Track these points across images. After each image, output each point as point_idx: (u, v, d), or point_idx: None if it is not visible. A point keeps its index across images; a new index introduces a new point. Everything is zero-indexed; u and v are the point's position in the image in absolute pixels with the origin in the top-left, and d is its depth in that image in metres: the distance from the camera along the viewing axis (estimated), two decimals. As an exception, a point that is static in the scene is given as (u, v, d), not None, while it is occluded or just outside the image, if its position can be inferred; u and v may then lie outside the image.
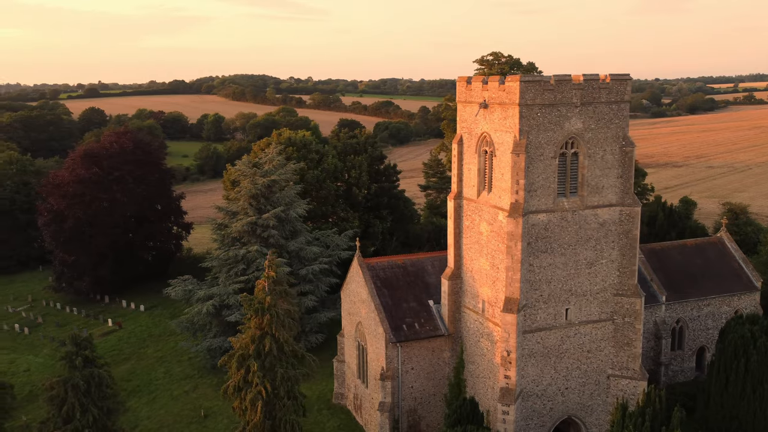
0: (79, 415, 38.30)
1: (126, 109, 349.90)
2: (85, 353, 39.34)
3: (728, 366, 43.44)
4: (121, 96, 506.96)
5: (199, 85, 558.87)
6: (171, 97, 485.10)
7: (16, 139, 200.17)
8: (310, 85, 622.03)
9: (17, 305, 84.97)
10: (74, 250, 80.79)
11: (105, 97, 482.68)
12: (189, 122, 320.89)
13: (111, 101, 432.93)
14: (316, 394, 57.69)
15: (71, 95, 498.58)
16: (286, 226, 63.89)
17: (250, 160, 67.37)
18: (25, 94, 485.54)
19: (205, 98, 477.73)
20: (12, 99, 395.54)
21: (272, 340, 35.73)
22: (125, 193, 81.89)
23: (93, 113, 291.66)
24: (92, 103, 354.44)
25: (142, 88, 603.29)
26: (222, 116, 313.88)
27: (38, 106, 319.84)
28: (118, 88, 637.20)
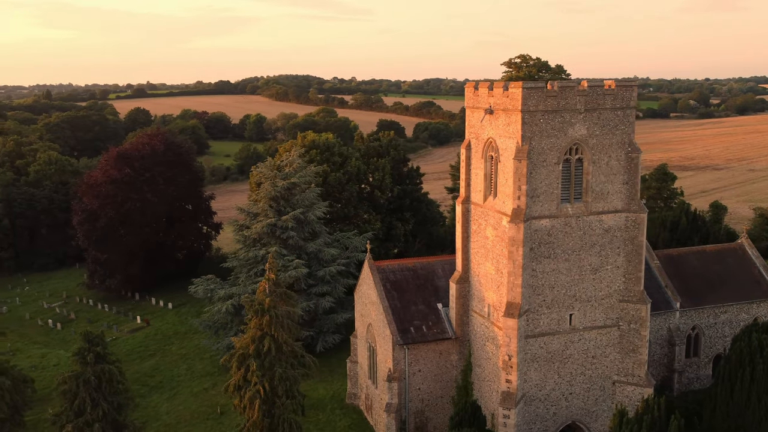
0: (90, 409, 39.91)
1: (171, 109, 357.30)
2: (96, 350, 40.92)
3: (733, 374, 42.95)
4: (167, 96, 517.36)
5: (244, 86, 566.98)
6: (216, 97, 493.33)
7: (63, 139, 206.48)
8: (353, 86, 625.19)
9: (52, 301, 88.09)
10: (106, 248, 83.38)
11: (152, 98, 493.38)
12: (232, 122, 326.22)
13: (157, 101, 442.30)
14: (331, 393, 58.73)
15: (120, 95, 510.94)
16: (305, 228, 65.01)
17: (274, 163, 68.65)
18: (76, 95, 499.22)
19: (250, 98, 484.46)
20: (63, 99, 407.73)
21: (271, 341, 36.77)
22: (156, 194, 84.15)
23: (138, 113, 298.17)
24: (139, 104, 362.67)
25: (189, 89, 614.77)
26: (264, 116, 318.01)
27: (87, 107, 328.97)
28: (165, 88, 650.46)
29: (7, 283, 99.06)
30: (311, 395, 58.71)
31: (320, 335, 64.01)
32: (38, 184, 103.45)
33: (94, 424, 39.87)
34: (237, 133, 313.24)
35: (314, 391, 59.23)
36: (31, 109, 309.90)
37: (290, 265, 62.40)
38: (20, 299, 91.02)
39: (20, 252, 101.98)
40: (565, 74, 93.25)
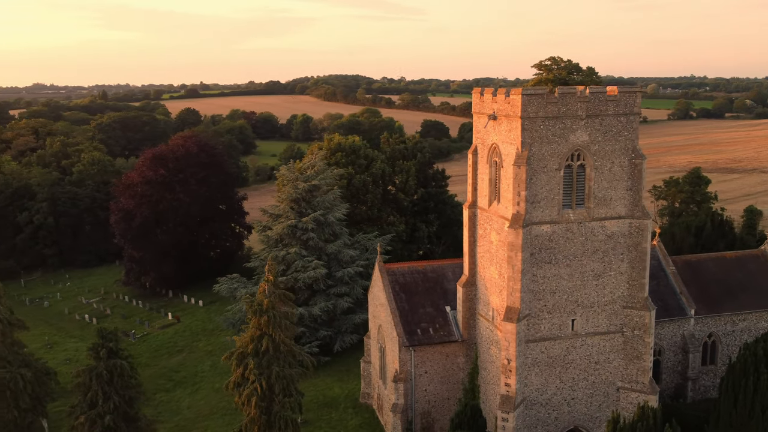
0: (102, 402, 41.81)
1: (221, 109, 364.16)
2: (109, 345, 42.82)
3: (737, 384, 42.42)
4: (218, 96, 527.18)
5: (293, 86, 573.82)
6: (266, 97, 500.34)
7: (114, 138, 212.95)
8: (401, 85, 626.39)
9: (90, 297, 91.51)
10: (141, 247, 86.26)
11: (203, 98, 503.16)
12: (279, 122, 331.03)
13: (208, 101, 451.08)
14: (345, 392, 59.87)
15: (173, 96, 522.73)
16: (325, 229, 66.28)
17: (296, 165, 70.15)
18: (131, 95, 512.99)
19: (298, 98, 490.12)
20: (118, 100, 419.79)
21: (269, 340, 38.02)
22: (189, 194, 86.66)
23: (188, 114, 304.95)
24: (190, 104, 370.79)
25: (241, 89, 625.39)
26: (310, 116, 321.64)
27: (140, 107, 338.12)
28: (218, 88, 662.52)
29: (51, 278, 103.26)
30: (327, 394, 60.14)
31: (338, 335, 65.21)
32: (81, 183, 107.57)
33: (106, 416, 41.72)
34: (284, 133, 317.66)
35: (330, 390, 60.54)
36: (86, 110, 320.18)
37: (309, 266, 63.79)
38: (61, 294, 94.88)
39: (64, 249, 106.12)
40: (596, 76, 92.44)
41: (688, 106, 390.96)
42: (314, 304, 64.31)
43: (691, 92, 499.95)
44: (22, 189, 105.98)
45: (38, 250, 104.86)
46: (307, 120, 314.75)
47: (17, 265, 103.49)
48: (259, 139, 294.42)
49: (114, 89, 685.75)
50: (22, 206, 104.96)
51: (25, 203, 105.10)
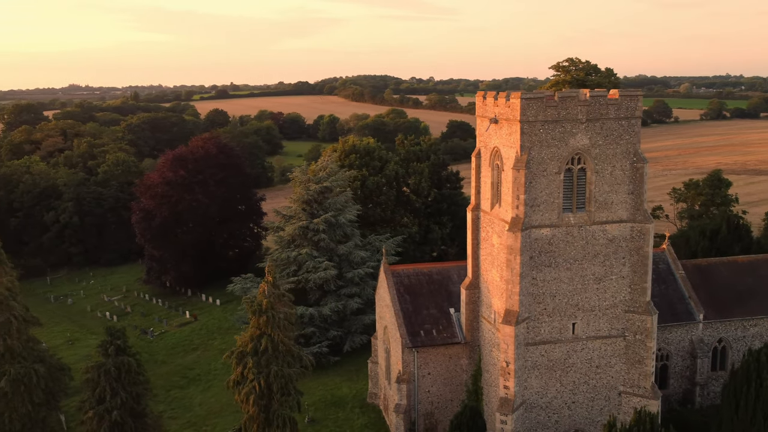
0: (110, 398, 42.96)
1: (249, 110, 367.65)
2: (117, 343, 43.96)
3: (739, 391, 42.17)
4: (248, 97, 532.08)
5: (322, 86, 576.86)
6: (294, 98, 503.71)
7: (143, 139, 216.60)
8: (430, 86, 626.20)
9: (112, 295, 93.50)
10: (161, 246, 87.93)
11: (233, 98, 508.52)
12: (306, 123, 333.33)
13: (238, 102, 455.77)
14: (354, 392, 60.50)
15: (203, 96, 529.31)
16: (336, 231, 67.00)
17: (309, 167, 71.03)
18: (163, 96, 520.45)
19: (327, 99, 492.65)
20: (149, 101, 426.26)
21: (268, 340, 38.79)
22: (207, 195, 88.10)
23: (217, 114, 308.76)
24: (220, 104, 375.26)
25: (270, 89, 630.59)
26: (337, 117, 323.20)
27: (170, 108, 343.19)
28: (247, 89, 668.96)
29: (75, 276, 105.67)
30: (335, 393, 60.84)
31: (348, 335, 65.88)
32: (106, 183, 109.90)
33: (113, 411, 42.87)
34: (311, 133, 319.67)
35: (338, 390, 61.24)
36: (118, 110, 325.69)
37: (320, 267, 64.58)
38: (84, 292, 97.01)
39: (89, 248, 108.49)
40: (615, 77, 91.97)
41: (722, 105, 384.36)
42: (325, 304, 65.07)
43: (725, 92, 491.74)
44: (49, 189, 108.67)
45: (64, 249, 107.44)
46: (333, 120, 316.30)
47: (44, 263, 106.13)
48: (286, 140, 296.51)
49: (147, 90, 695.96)
50: (48, 206, 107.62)
51: (52, 203, 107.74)
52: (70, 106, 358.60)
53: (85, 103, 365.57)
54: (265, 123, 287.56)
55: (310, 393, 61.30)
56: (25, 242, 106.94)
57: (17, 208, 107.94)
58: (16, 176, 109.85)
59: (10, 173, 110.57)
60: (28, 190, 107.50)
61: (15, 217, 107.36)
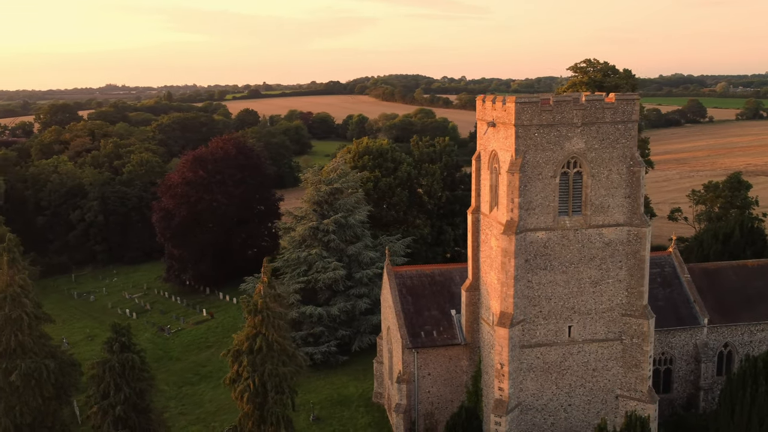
0: (114, 393, 44.25)
1: (280, 109, 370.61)
2: (122, 340, 45.23)
3: (735, 396, 41.97)
4: (279, 97, 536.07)
5: (353, 86, 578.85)
6: (325, 97, 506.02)
7: (173, 139, 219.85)
8: (461, 85, 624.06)
9: (133, 292, 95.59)
10: (180, 245, 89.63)
11: (265, 98, 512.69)
12: (335, 123, 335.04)
13: (269, 102, 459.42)
14: (360, 391, 61.20)
15: (236, 96, 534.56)
16: (346, 231, 67.78)
17: (320, 168, 71.97)
18: (196, 96, 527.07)
19: (357, 98, 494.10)
20: (182, 100, 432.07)
21: (263, 339, 39.67)
22: (225, 195, 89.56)
23: (247, 114, 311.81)
24: (251, 104, 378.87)
25: (302, 89, 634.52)
26: (366, 117, 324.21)
27: (202, 108, 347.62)
28: (280, 89, 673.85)
29: (99, 274, 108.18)
30: (341, 392, 61.62)
31: (357, 335, 66.60)
32: (130, 183, 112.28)
33: (117, 406, 44.14)
34: (340, 133, 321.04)
35: (345, 389, 62.01)
36: (151, 110, 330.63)
37: (329, 267, 65.42)
38: (107, 289, 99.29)
39: (113, 246, 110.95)
40: (632, 78, 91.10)
41: (758, 105, 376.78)
42: (334, 304, 65.89)
43: (763, 90, 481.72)
44: (75, 188, 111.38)
45: (89, 247, 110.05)
46: (362, 120, 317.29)
47: (69, 260, 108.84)
48: (315, 140, 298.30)
49: (181, 90, 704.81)
50: (74, 205, 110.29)
51: (78, 202, 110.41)
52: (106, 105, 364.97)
53: (120, 103, 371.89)
54: (294, 123, 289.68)
55: (317, 391, 62.29)
56: (51, 240, 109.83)
57: (45, 207, 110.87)
58: (44, 175, 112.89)
59: (38, 173, 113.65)
60: (56, 189, 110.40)
61: (42, 215, 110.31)
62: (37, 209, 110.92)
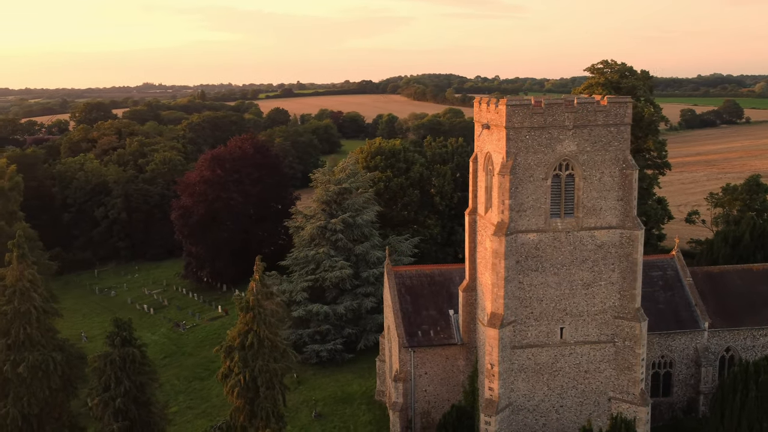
0: (114, 386, 45.58)
1: (311, 108, 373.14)
2: (124, 334, 46.60)
3: (725, 400, 41.74)
4: (312, 96, 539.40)
5: (385, 85, 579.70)
6: (357, 96, 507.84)
7: (203, 137, 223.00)
8: (495, 84, 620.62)
9: (153, 288, 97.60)
10: (197, 242, 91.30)
11: (297, 97, 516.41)
12: (365, 122, 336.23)
13: (301, 101, 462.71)
14: (363, 389, 61.90)
15: (269, 95, 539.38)
16: (354, 231, 68.54)
17: (330, 168, 72.87)
18: (230, 95, 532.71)
19: (389, 98, 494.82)
20: (215, 99, 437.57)
21: (254, 336, 40.63)
22: (241, 193, 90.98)
23: (278, 113, 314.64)
24: (283, 103, 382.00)
25: (335, 88, 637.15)
26: (395, 116, 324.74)
27: (234, 107, 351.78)
28: (313, 87, 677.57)
29: (122, 270, 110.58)
30: (345, 390, 62.39)
31: (363, 334, 67.30)
32: (153, 181, 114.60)
33: (117, 398, 45.44)
34: (369, 132, 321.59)
35: (349, 386, 62.77)
36: (184, 109, 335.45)
37: (336, 266, 66.27)
38: (128, 285, 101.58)
39: (135, 242, 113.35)
40: (650, 79, 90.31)
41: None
42: (341, 302, 66.69)
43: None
44: (100, 185, 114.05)
45: (112, 243, 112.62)
46: (392, 120, 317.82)
47: (93, 256, 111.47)
48: (345, 139, 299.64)
49: (216, 89, 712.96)
50: (99, 202, 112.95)
51: (102, 199, 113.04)
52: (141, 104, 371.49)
53: (154, 102, 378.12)
54: (323, 122, 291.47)
55: (322, 388, 63.18)
56: (76, 236, 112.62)
57: (70, 204, 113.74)
58: (71, 173, 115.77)
59: (65, 170, 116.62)
60: (81, 186, 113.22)
61: (68, 212, 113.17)
62: (64, 206, 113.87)
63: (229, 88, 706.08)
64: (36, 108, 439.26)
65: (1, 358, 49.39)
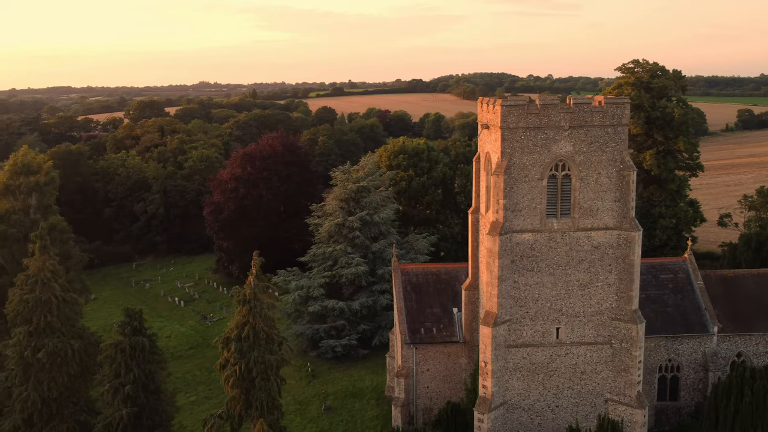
0: (124, 373, 47.53)
1: (359, 107, 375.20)
2: (134, 324, 48.52)
3: (719, 405, 41.24)
4: (362, 95, 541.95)
5: (435, 84, 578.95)
6: (406, 95, 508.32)
7: (249, 135, 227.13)
8: (547, 83, 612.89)
9: (185, 282, 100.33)
10: (227, 238, 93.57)
11: (347, 96, 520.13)
12: (412, 121, 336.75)
13: (350, 99, 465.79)
14: (374, 384, 62.82)
15: (319, 93, 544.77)
16: (371, 229, 69.50)
17: (350, 167, 74.00)
18: (282, 93, 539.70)
19: (438, 97, 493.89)
20: (266, 98, 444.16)
21: (250, 328, 41.89)
22: (270, 190, 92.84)
23: (325, 112, 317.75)
24: (332, 102, 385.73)
25: (385, 87, 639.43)
26: (442, 115, 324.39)
27: (284, 105, 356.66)
28: (364, 86, 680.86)
29: (158, 263, 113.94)
30: (357, 385, 63.41)
31: (378, 330, 68.20)
32: (190, 178, 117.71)
33: (126, 385, 47.34)
34: (416, 131, 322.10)
35: (361, 381, 63.78)
36: (235, 107, 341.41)
37: (352, 263, 67.35)
38: (162, 278, 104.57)
39: (172, 237, 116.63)
40: (682, 79, 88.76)
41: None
42: (356, 299, 67.74)
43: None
44: (139, 181, 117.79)
45: (150, 238, 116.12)
46: (438, 119, 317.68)
47: (132, 250, 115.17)
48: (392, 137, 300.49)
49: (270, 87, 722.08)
50: (139, 197, 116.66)
51: (142, 194, 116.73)
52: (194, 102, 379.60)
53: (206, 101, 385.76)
54: (369, 121, 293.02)
55: (335, 383, 64.35)
56: (116, 230, 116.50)
57: (112, 199, 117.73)
58: (113, 169, 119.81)
59: (107, 166, 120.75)
60: (122, 182, 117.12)
61: (110, 206, 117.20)
62: (106, 201, 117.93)
63: (282, 87, 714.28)
64: (95, 106, 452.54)
65: (23, 344, 51.78)
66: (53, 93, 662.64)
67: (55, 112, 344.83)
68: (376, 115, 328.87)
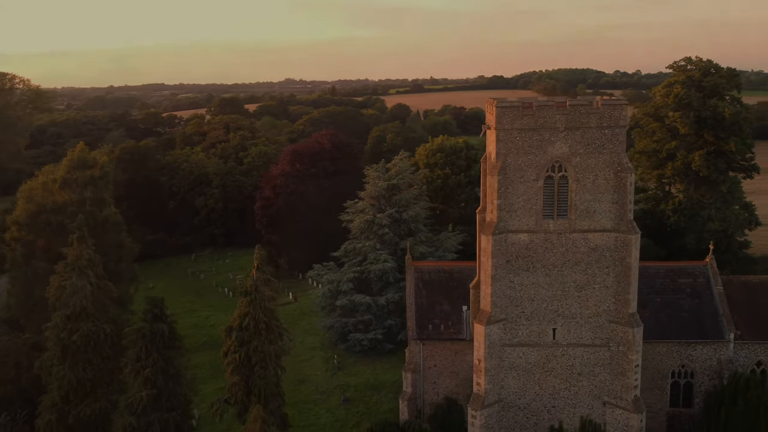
0: (144, 357, 50.64)
1: (435, 104, 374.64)
2: (155, 311, 51.51)
3: (711, 414, 40.49)
4: (441, 91, 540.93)
5: (517, 80, 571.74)
6: (486, 92, 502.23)
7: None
8: (634, 80, 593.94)
9: (238, 273, 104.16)
10: (275, 232, 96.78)
11: (426, 92, 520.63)
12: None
13: (428, 96, 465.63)
14: (394, 378, 64.00)
15: (399, 90, 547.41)
16: (401, 226, 70.73)
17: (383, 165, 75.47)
18: (363, 89, 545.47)
19: (517, 93, 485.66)
20: (344, 94, 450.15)
21: (251, 318, 44.07)
22: (317, 187, 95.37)
23: (399, 109, 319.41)
24: (411, 98, 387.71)
25: (466, 84, 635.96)
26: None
27: (361, 102, 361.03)
28: (444, 83, 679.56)
29: (215, 255, 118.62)
30: (378, 378, 64.92)
31: (404, 325, 69.01)
32: (248, 173, 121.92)
33: (147, 368, 50.44)
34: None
35: (382, 375, 65.27)
36: (313, 104, 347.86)
37: (380, 259, 68.81)
38: (217, 270, 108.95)
39: (230, 230, 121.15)
40: (735, 78, 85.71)
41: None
42: (384, 294, 69.16)
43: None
44: (201, 176, 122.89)
45: (210, 230, 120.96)
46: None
47: (193, 242, 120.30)
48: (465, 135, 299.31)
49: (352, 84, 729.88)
50: (200, 191, 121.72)
51: (203, 189, 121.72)
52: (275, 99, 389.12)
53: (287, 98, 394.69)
54: (443, 118, 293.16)
55: (359, 375, 66.05)
56: (179, 223, 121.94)
57: (175, 192, 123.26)
58: (177, 164, 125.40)
59: (173, 161, 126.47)
60: (185, 177, 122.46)
61: (173, 200, 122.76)
62: (170, 194, 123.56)
63: (364, 83, 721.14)
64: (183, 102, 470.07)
65: (60, 326, 55.79)
66: (147, 90, 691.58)
67: (146, 108, 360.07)
68: (451, 112, 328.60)
